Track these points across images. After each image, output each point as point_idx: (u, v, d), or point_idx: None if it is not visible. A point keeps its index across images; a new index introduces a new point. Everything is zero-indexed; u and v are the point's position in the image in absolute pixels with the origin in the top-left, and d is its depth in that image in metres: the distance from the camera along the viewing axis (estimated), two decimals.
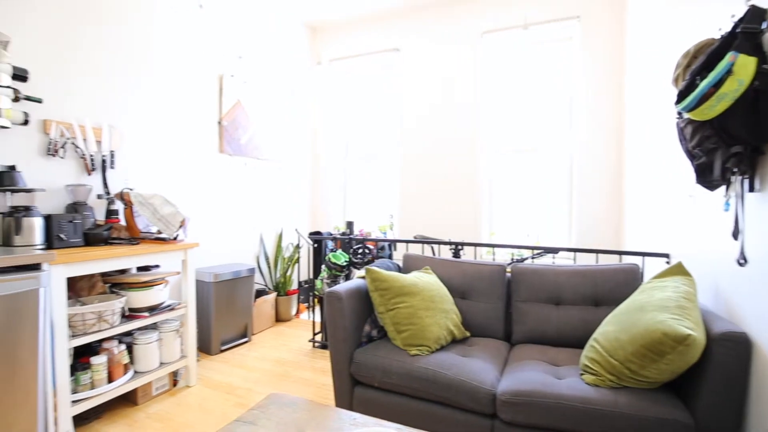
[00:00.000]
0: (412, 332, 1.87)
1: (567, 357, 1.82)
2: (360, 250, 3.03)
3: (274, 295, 3.71)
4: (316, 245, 3.61)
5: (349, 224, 3.81)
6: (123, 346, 2.18)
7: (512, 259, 2.67)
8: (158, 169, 2.86)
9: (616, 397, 1.44)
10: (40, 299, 1.63)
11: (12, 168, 1.98)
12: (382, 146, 4.29)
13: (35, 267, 1.63)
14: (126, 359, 2.18)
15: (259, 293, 3.58)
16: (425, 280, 2.07)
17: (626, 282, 1.97)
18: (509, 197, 3.73)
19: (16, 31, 2.08)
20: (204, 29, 3.20)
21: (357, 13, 4.09)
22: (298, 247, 3.88)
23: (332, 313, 1.93)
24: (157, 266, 2.61)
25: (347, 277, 3.02)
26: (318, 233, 3.63)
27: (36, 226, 1.90)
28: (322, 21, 4.29)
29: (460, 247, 2.78)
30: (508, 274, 2.25)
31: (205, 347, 3.02)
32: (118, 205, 2.47)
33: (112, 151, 2.50)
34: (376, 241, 3.10)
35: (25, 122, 2.07)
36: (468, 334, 2.10)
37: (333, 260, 2.99)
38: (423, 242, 2.83)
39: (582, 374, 1.61)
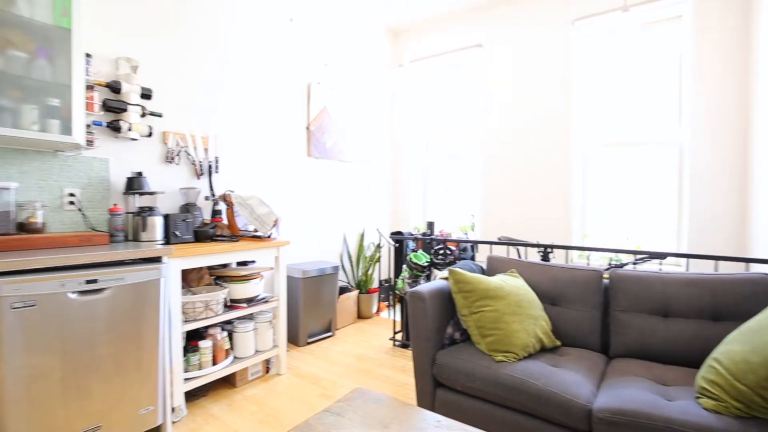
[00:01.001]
0: (498, 337, 1.80)
1: (677, 376, 1.62)
2: (441, 251, 3.00)
3: (356, 292, 3.83)
4: (397, 245, 3.65)
5: (430, 224, 3.79)
6: (225, 333, 2.41)
7: (609, 265, 2.44)
8: (254, 172, 3.12)
9: (743, 428, 1.24)
10: (161, 288, 1.87)
11: (139, 174, 2.30)
12: (464, 145, 4.21)
13: (157, 260, 1.88)
14: (227, 345, 2.41)
15: (342, 290, 3.72)
16: (511, 283, 1.98)
17: (755, 294, 1.69)
18: (605, 196, 3.41)
19: (141, 54, 2.41)
20: (294, 41, 3.41)
21: (439, 12, 4.06)
22: (379, 246, 3.96)
23: (415, 313, 1.93)
24: (253, 261, 2.85)
25: (428, 278, 3.01)
26: (399, 233, 3.67)
27: (157, 224, 2.18)
28: (404, 23, 4.33)
29: (549, 249, 2.61)
30: (606, 281, 2.06)
31: (293, 339, 3.22)
32: (221, 206, 2.74)
33: (216, 157, 2.78)
34: (457, 241, 3.04)
35: (149, 134, 2.40)
36: (558, 343, 1.97)
37: (414, 260, 2.99)
38: (508, 244, 2.71)
39: (698, 398, 1.41)
